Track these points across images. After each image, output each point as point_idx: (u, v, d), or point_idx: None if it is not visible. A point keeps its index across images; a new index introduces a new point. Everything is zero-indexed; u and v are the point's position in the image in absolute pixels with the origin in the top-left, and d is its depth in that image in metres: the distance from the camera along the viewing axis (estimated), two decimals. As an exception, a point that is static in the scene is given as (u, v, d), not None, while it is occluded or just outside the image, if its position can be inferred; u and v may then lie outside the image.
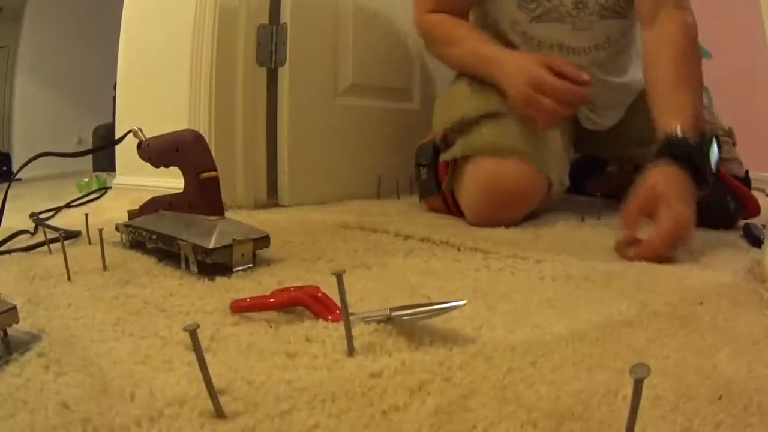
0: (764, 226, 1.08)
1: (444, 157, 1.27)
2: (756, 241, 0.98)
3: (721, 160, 1.09)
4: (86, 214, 1.07)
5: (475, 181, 1.20)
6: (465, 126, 1.22)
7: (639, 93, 1.32)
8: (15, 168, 3.45)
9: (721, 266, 0.84)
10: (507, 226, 1.17)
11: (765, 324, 0.59)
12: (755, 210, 1.19)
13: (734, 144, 1.32)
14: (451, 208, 1.34)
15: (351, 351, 0.51)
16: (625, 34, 1.28)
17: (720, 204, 1.16)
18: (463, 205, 1.26)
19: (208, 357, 0.42)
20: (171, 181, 1.11)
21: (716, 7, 1.63)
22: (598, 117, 1.36)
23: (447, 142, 1.29)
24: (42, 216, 1.36)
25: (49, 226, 1.12)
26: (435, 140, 1.34)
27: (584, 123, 1.37)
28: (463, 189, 1.25)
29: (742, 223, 1.13)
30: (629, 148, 1.34)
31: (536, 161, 1.18)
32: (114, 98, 1.90)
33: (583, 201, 1.25)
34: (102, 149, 1.94)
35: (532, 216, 1.27)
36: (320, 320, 0.59)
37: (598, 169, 1.64)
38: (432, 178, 1.37)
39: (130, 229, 0.96)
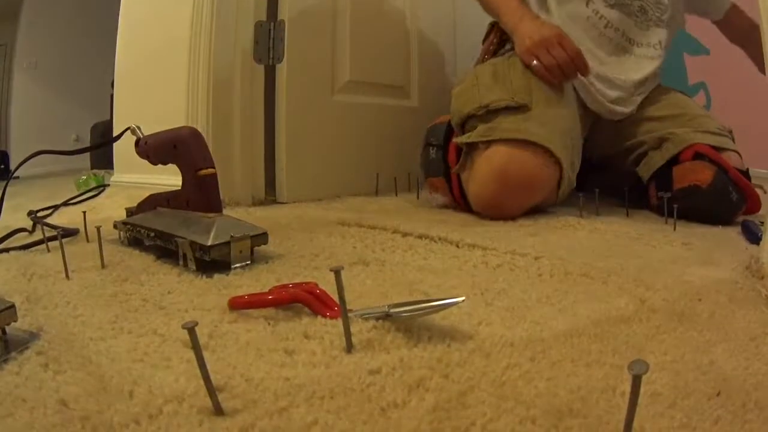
0: (762, 222, 1.08)
1: (461, 139, 1.29)
2: (754, 238, 0.98)
3: (721, 150, 1.24)
4: (84, 212, 1.07)
5: (489, 166, 1.22)
6: (488, 114, 1.25)
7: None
8: (13, 166, 3.45)
9: (720, 263, 0.84)
10: (507, 218, 1.21)
11: (763, 320, 0.59)
12: (756, 204, 1.20)
13: (732, 140, 1.34)
14: (455, 193, 1.36)
15: (349, 348, 0.51)
16: (669, 43, 1.46)
17: (722, 193, 1.17)
18: (471, 191, 1.28)
19: (206, 354, 0.42)
20: (169, 178, 1.11)
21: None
22: (625, 107, 1.42)
23: (465, 127, 1.31)
24: (40, 214, 1.36)
25: (47, 224, 1.12)
26: (452, 123, 1.36)
27: (606, 116, 1.43)
28: (474, 174, 1.27)
29: (740, 219, 1.13)
30: (638, 136, 1.40)
31: (558, 153, 1.21)
32: (111, 96, 1.90)
33: (582, 197, 1.25)
34: (100, 147, 1.93)
35: (530, 212, 1.27)
36: (318, 317, 0.59)
37: (597, 167, 1.65)
38: (441, 159, 1.39)
39: (128, 226, 0.96)
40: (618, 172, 1.50)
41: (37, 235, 1.05)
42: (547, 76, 1.27)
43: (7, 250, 0.95)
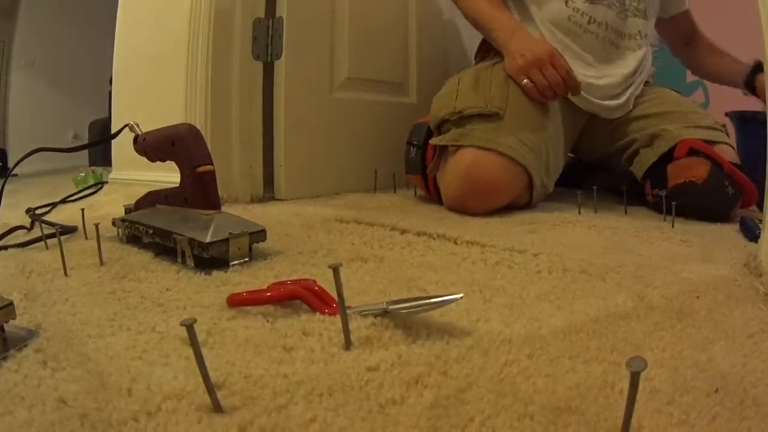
0: (760, 220, 1.08)
1: (434, 141, 1.35)
2: (752, 236, 0.98)
3: (714, 144, 1.26)
4: (82, 209, 1.07)
5: (455, 169, 1.27)
6: (462, 120, 1.29)
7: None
8: (11, 164, 3.45)
9: (718, 260, 0.84)
10: (477, 215, 1.24)
11: (761, 318, 0.59)
12: (752, 196, 1.20)
13: (726, 134, 1.34)
14: (431, 190, 1.43)
15: (348, 344, 0.51)
16: (648, 33, 1.49)
17: (718, 188, 1.17)
18: (441, 189, 1.35)
19: (205, 351, 0.42)
20: (167, 175, 1.11)
21: (714, 4, 1.64)
22: (618, 99, 1.43)
23: (441, 129, 1.35)
24: (38, 211, 1.36)
25: (45, 222, 1.12)
26: (431, 124, 1.40)
27: (602, 113, 1.44)
28: (444, 175, 1.33)
29: (739, 217, 1.13)
30: (630, 134, 1.41)
31: (524, 161, 1.25)
32: (110, 93, 1.89)
33: (580, 194, 1.26)
34: (98, 144, 1.93)
35: (528, 209, 1.28)
36: (317, 314, 0.60)
37: (594, 168, 1.66)
38: (419, 158, 1.44)
39: (127, 223, 0.96)
40: (615, 172, 1.50)
41: (36, 233, 1.05)
42: (538, 96, 1.29)
43: (5, 247, 0.95)
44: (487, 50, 1.48)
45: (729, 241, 0.99)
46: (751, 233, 1.00)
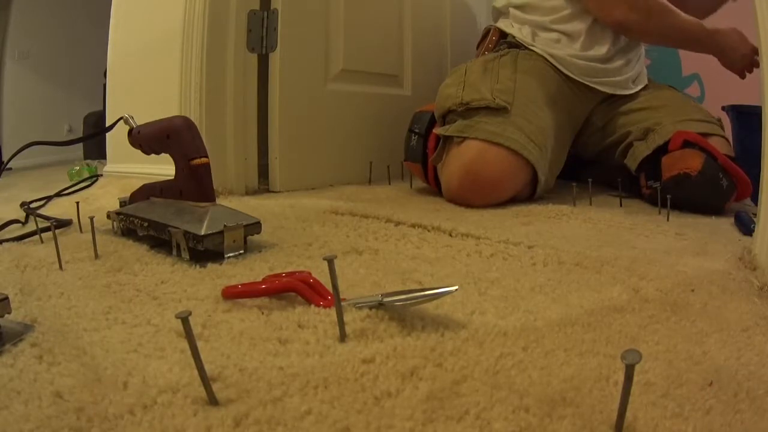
0: (755, 214, 1.08)
1: (439, 131, 1.33)
2: (747, 230, 0.98)
3: (708, 136, 1.26)
4: (77, 203, 1.07)
5: (459, 161, 1.26)
6: (468, 111, 1.28)
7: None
8: (5, 157, 3.43)
9: (713, 254, 0.84)
10: (478, 207, 1.24)
11: (755, 311, 0.59)
12: (746, 189, 1.20)
13: (721, 128, 1.34)
14: (430, 180, 1.42)
15: (343, 337, 0.51)
16: None
17: (712, 180, 1.17)
18: (442, 180, 1.34)
19: (200, 344, 0.42)
20: (162, 167, 1.11)
21: None
22: (636, 85, 1.48)
23: (446, 119, 1.35)
24: (33, 205, 1.35)
25: (40, 215, 1.12)
26: (435, 113, 1.39)
27: (618, 90, 1.46)
28: (446, 165, 1.32)
29: (734, 211, 1.13)
30: (625, 127, 1.42)
31: (530, 157, 1.24)
32: (104, 86, 1.88)
33: (575, 187, 1.26)
34: (93, 137, 1.93)
35: (523, 201, 1.28)
36: (312, 306, 0.59)
37: (590, 162, 1.66)
38: (420, 147, 1.44)
39: (122, 216, 0.96)
40: (610, 165, 1.50)
41: (30, 227, 1.05)
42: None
43: (0, 241, 0.95)
44: (491, 41, 1.48)
45: (724, 234, 1.00)
46: (746, 227, 1.00)
